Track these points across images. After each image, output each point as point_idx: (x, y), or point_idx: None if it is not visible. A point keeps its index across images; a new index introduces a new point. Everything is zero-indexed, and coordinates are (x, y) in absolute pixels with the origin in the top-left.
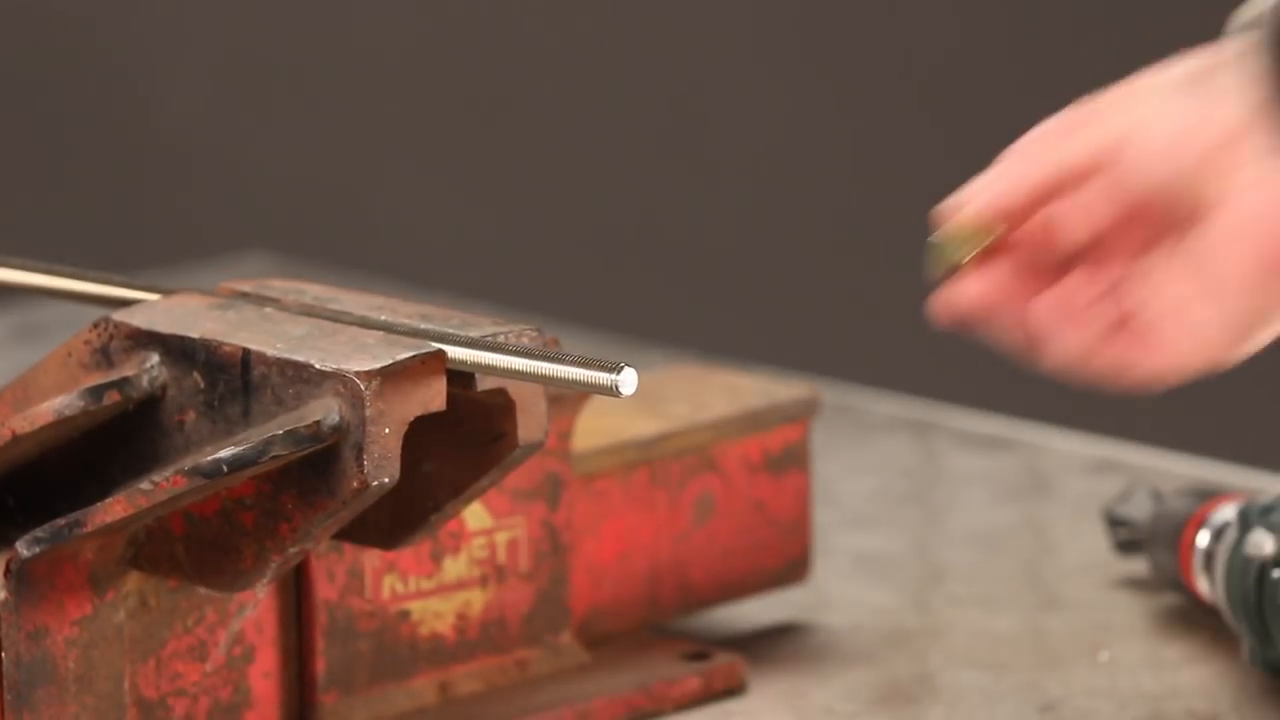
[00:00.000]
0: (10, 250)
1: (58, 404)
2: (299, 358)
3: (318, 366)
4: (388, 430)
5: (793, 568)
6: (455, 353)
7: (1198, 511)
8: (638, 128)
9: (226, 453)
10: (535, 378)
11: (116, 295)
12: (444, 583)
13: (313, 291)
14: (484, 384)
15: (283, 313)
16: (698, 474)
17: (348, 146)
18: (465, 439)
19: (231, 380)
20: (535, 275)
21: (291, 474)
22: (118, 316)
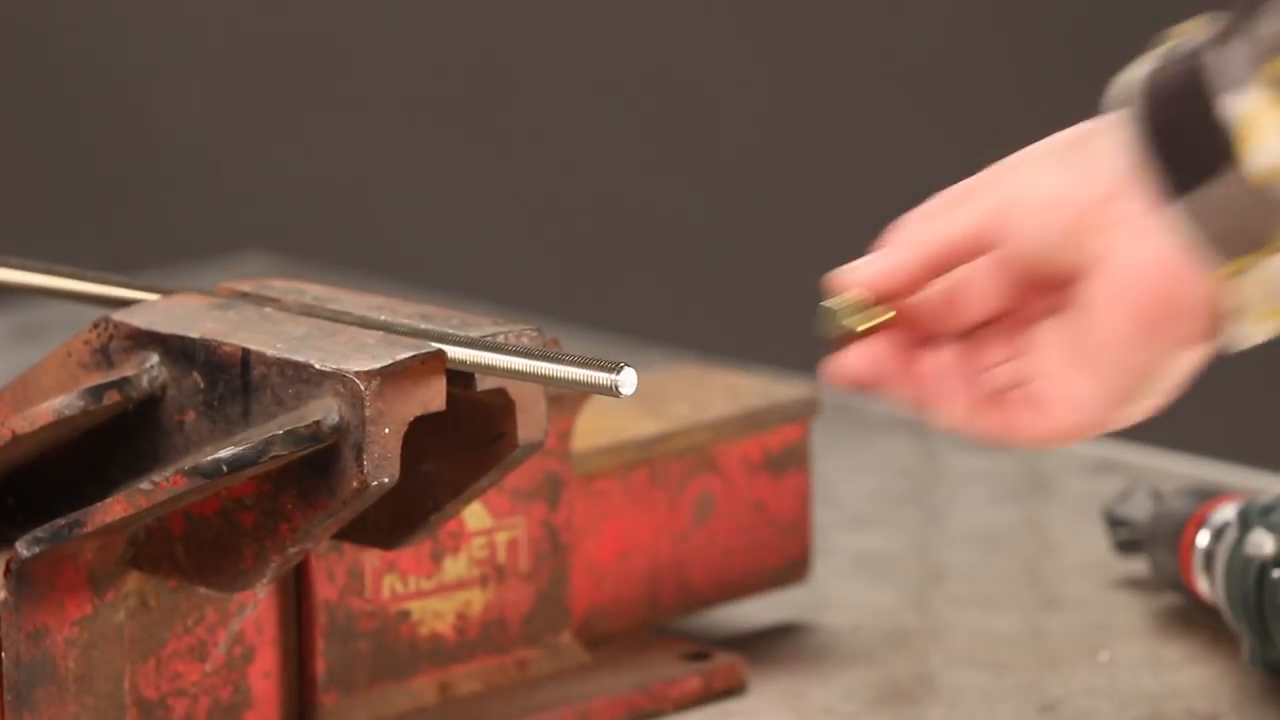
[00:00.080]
0: (10, 250)
1: (58, 404)
2: (299, 358)
3: (318, 366)
4: (388, 430)
5: (793, 568)
6: (455, 353)
7: (1198, 511)
8: (638, 128)
9: (226, 453)
10: (535, 378)
11: (116, 295)
12: (444, 583)
13: (313, 291)
14: (484, 384)
15: (283, 313)
16: (698, 474)
17: (348, 146)
18: (465, 439)
19: (231, 380)
20: (535, 275)
21: (291, 474)
22: (118, 316)
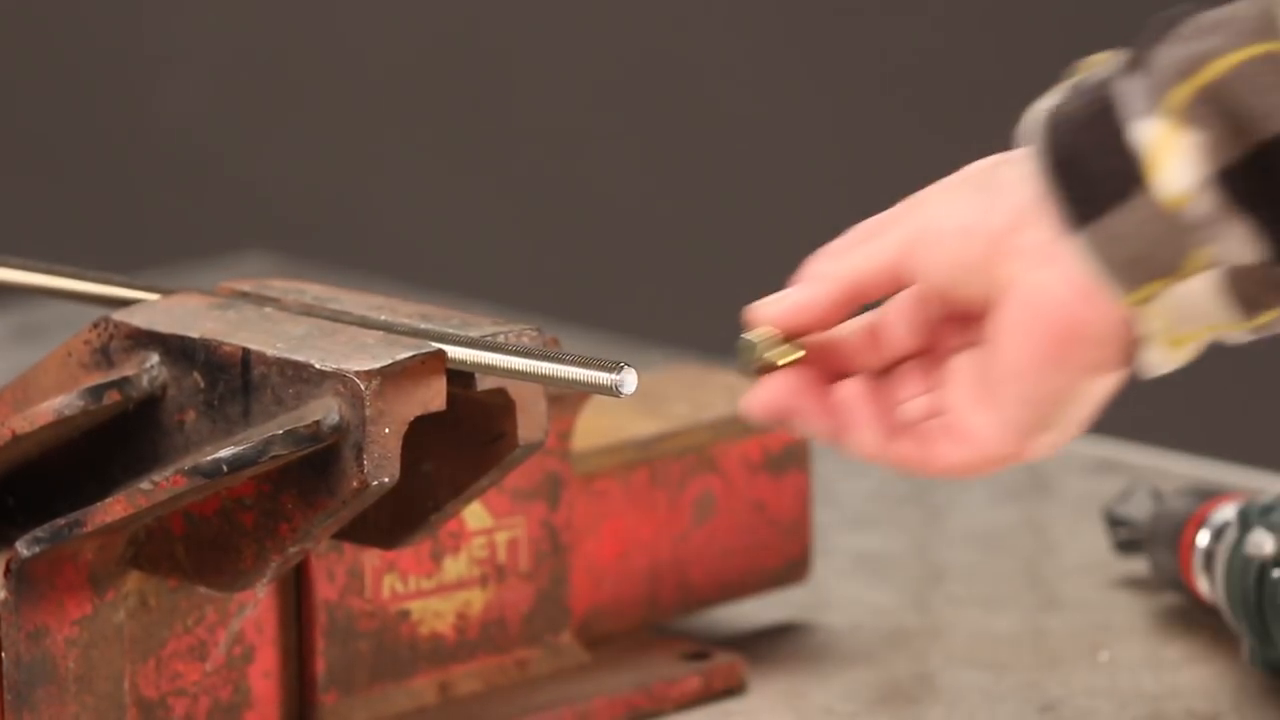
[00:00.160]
0: (10, 250)
1: (58, 404)
2: (299, 357)
3: (318, 366)
4: (388, 430)
5: (793, 568)
6: (455, 353)
7: (1198, 511)
8: (638, 128)
9: (226, 453)
10: (535, 378)
11: (116, 295)
12: (444, 583)
13: (313, 291)
14: (484, 384)
15: (283, 313)
16: (698, 474)
17: (348, 146)
18: (465, 439)
19: (231, 380)
20: (535, 275)
21: (291, 474)
22: (118, 316)
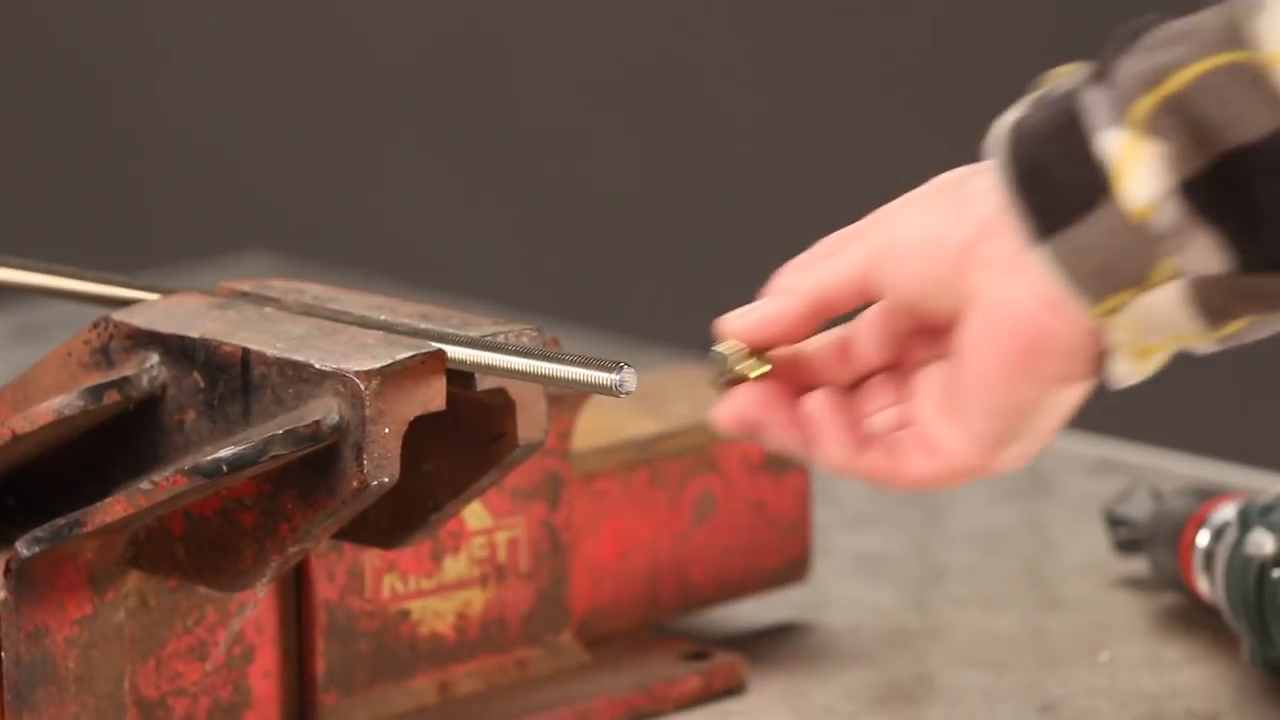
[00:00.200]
0: (10, 250)
1: (58, 404)
2: (299, 357)
3: (318, 366)
4: (387, 430)
5: (793, 567)
6: (455, 352)
7: (1198, 511)
8: (637, 128)
9: (226, 452)
10: (535, 378)
11: (116, 295)
12: (444, 582)
13: (313, 291)
14: (484, 384)
15: (283, 313)
16: (698, 474)
17: (347, 146)
18: (465, 439)
19: (231, 380)
20: (535, 275)
21: (291, 474)
22: (118, 316)
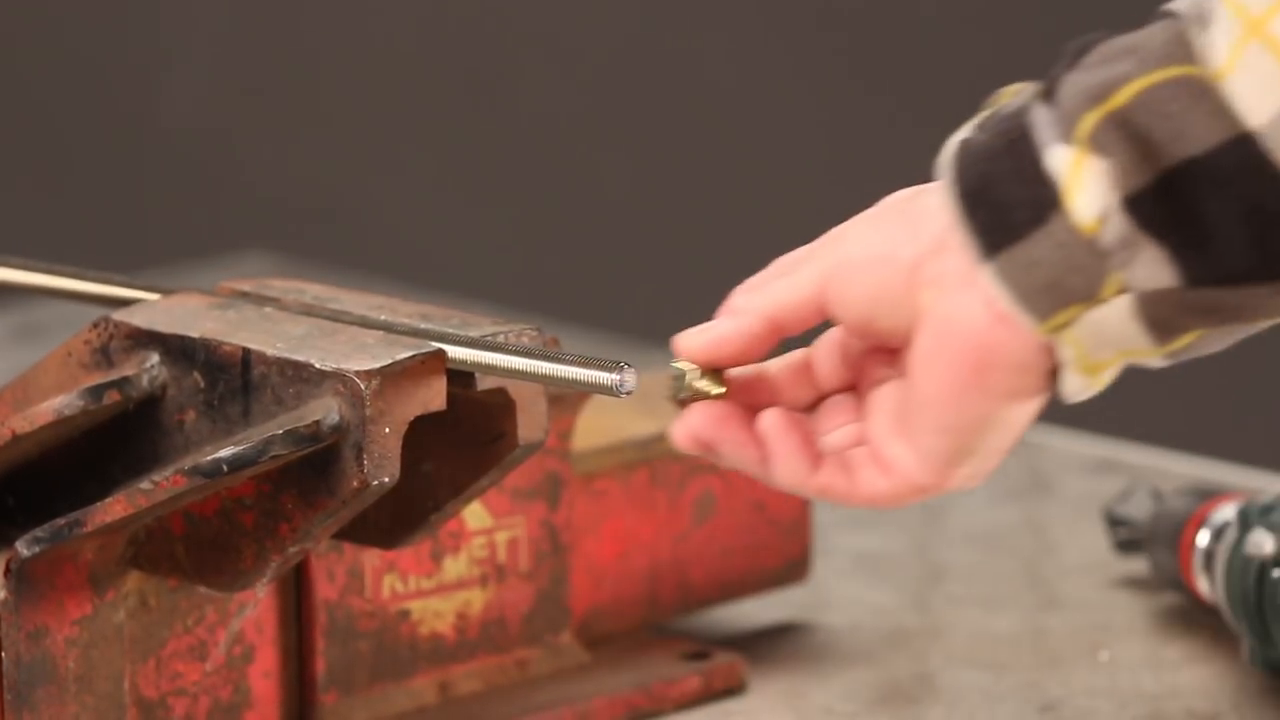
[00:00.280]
0: (10, 250)
1: (58, 404)
2: (299, 357)
3: (318, 366)
4: (388, 430)
5: (793, 567)
6: (455, 352)
7: (1198, 511)
8: (637, 128)
9: (226, 452)
10: (535, 378)
11: (116, 295)
12: (444, 582)
13: (313, 291)
14: (484, 384)
15: (283, 312)
16: (698, 474)
17: (348, 146)
18: (465, 439)
19: (231, 380)
20: (535, 275)
21: (291, 474)
22: (118, 316)
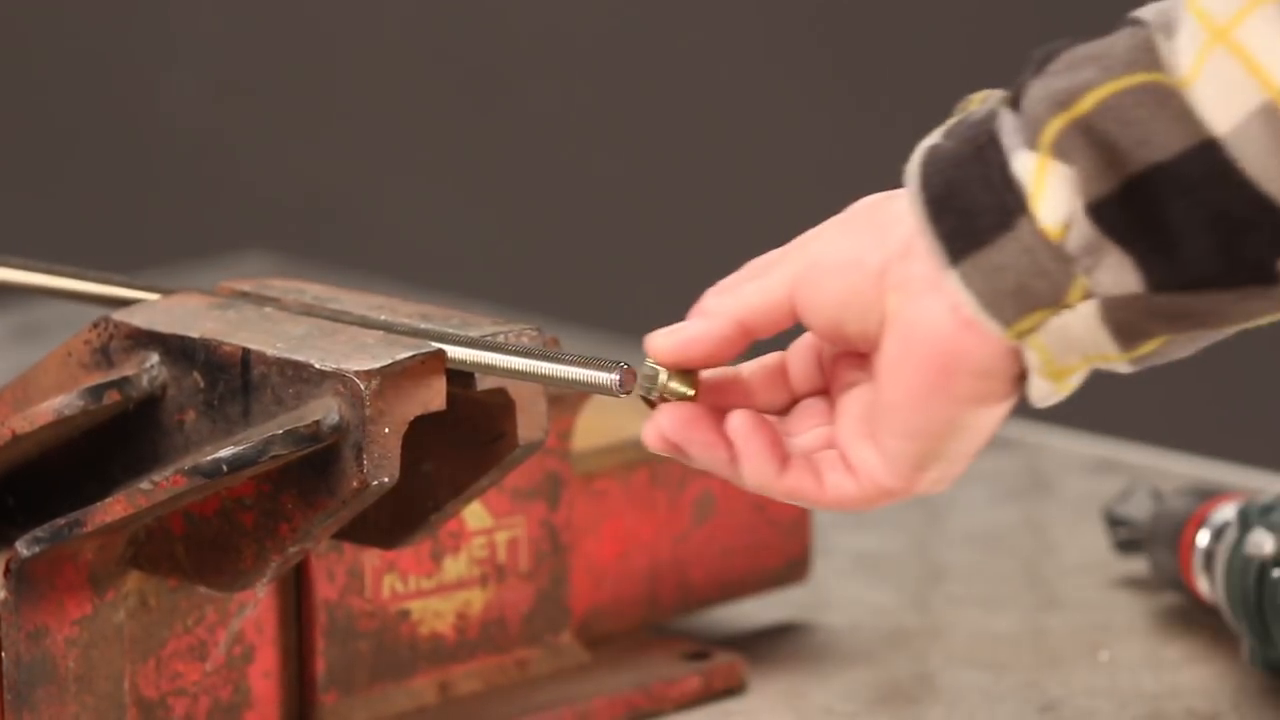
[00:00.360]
0: (11, 250)
1: (58, 404)
2: (299, 357)
3: (317, 366)
4: (387, 430)
5: (793, 567)
6: (455, 352)
7: (1198, 511)
8: (637, 128)
9: (226, 452)
10: (535, 378)
11: (116, 295)
12: (444, 582)
13: (313, 291)
14: (484, 384)
15: (283, 313)
16: (698, 474)
17: (347, 146)
18: (465, 439)
19: (231, 380)
20: (535, 275)
21: (291, 474)
22: (118, 316)
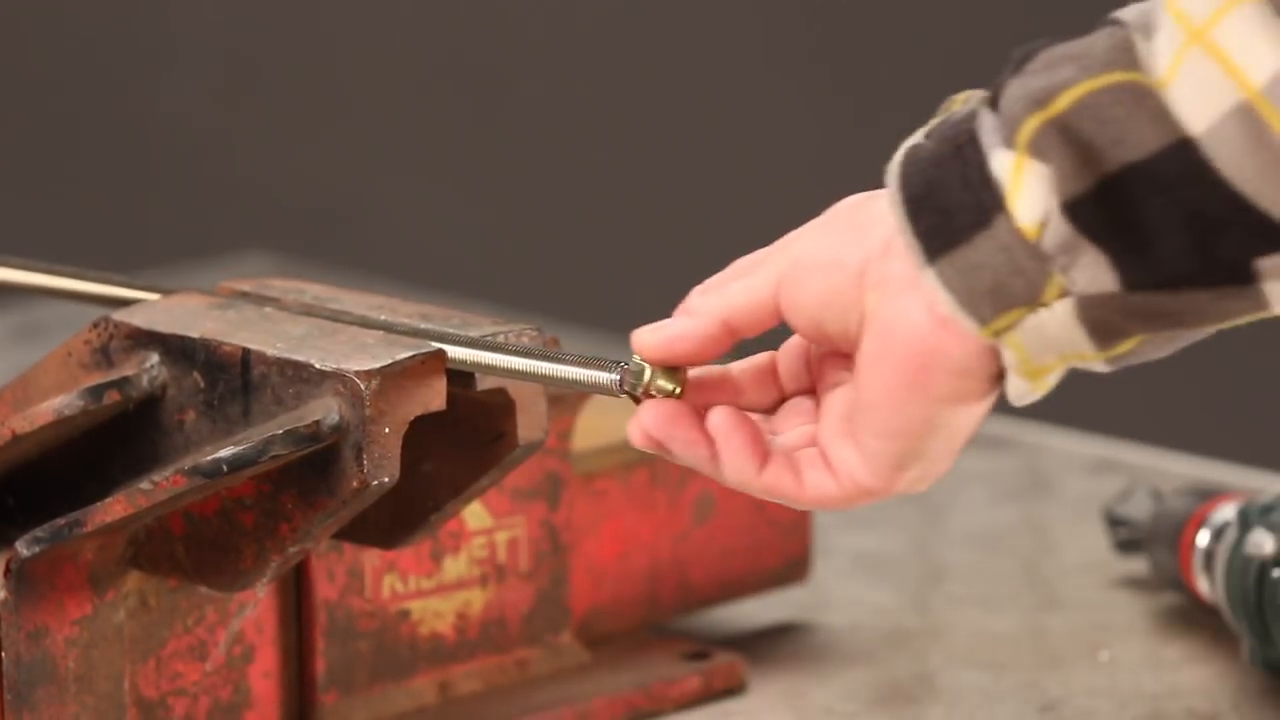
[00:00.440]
0: (11, 250)
1: (58, 404)
2: (299, 357)
3: (318, 366)
4: (388, 430)
5: (793, 567)
6: (455, 352)
7: (1198, 511)
8: (637, 128)
9: (226, 452)
10: (535, 378)
11: (116, 295)
12: (444, 582)
13: (313, 291)
14: (484, 384)
15: (283, 313)
16: (697, 474)
17: (347, 146)
18: (465, 439)
19: (231, 380)
20: (535, 275)
21: (291, 474)
22: (118, 316)
